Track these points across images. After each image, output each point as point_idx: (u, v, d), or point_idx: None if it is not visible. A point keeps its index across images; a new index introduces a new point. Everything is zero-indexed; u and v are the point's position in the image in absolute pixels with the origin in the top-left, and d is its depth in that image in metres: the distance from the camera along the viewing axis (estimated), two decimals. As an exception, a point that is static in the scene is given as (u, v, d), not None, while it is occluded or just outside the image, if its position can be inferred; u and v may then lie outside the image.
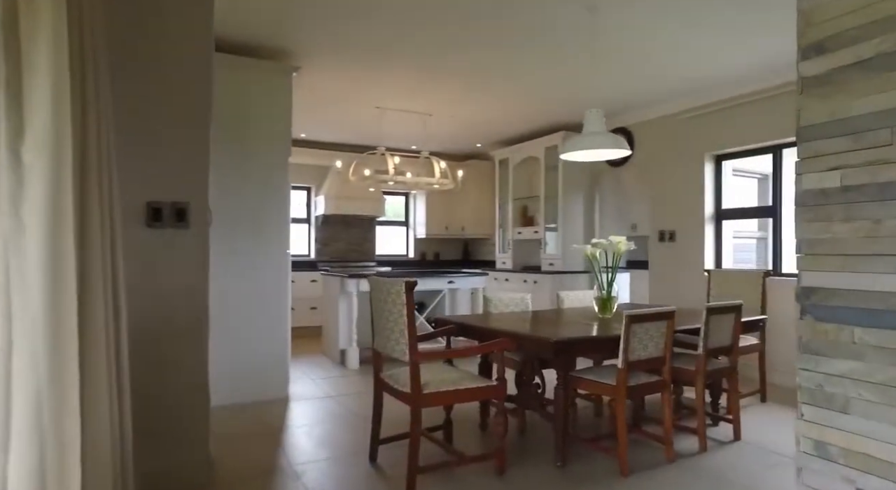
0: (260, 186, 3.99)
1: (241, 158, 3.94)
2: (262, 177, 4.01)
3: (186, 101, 2.27)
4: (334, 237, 7.86)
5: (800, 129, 1.57)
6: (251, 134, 3.98)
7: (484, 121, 6.32)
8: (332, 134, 7.03)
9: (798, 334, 1.59)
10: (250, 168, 3.97)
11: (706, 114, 5.22)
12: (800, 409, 1.58)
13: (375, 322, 2.78)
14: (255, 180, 3.98)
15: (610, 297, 3.39)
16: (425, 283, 5.48)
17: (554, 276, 6.29)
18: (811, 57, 1.52)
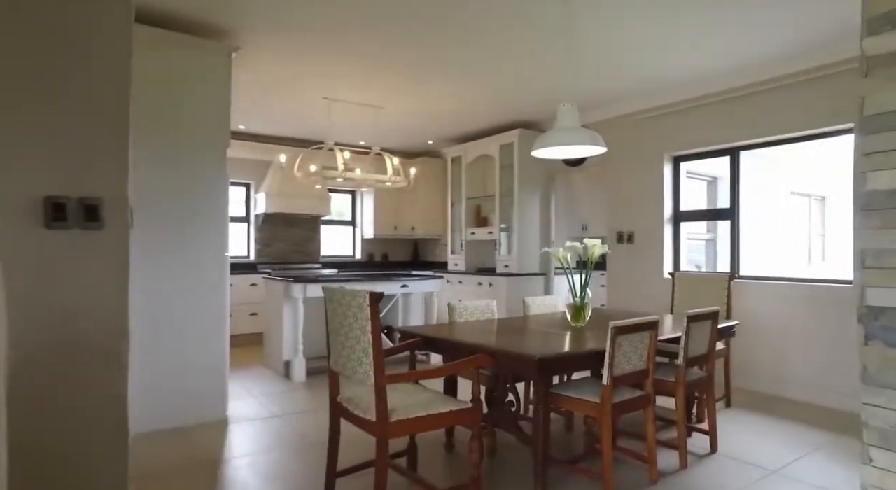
0: (194, 181, 3.52)
1: (172, 149, 3.45)
2: (197, 170, 3.53)
3: (99, 75, 1.83)
4: (276, 237, 7.34)
5: (864, 118, 1.37)
6: (184, 121, 3.50)
7: (438, 116, 6.03)
8: (275, 126, 6.52)
9: (861, 363, 1.39)
10: (183, 160, 3.48)
11: (665, 114, 5.15)
12: (866, 453, 1.38)
13: (332, 338, 2.42)
14: (188, 174, 3.50)
15: (584, 305, 3.18)
16: (376, 287, 5.11)
17: (510, 278, 6.09)
18: (881, 31, 1.31)
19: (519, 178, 6.23)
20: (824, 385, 4.02)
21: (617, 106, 5.52)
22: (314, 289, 4.75)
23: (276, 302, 5.04)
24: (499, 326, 3.26)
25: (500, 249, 6.45)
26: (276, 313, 5.02)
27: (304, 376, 4.73)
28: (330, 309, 2.40)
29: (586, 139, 3.07)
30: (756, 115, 4.51)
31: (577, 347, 2.51)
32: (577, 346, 2.55)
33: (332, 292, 2.37)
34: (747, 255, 4.82)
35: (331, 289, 2.39)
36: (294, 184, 6.67)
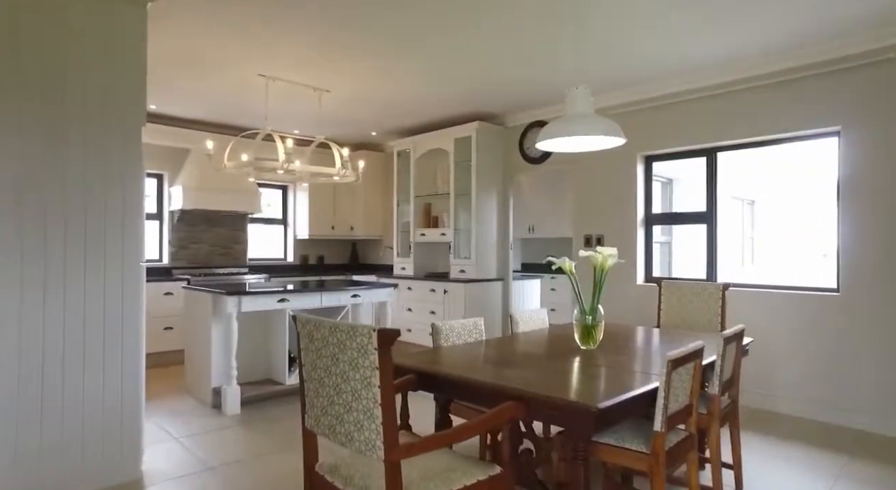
0: (98, 168, 2.67)
1: (64, 125, 2.59)
2: (102, 155, 2.69)
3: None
4: (195, 238, 6.35)
5: None
6: (85, 89, 2.64)
7: (388, 104, 5.39)
8: (195, 107, 5.57)
9: None
10: (83, 141, 2.63)
11: (639, 111, 4.85)
12: None
13: (310, 387, 1.77)
14: (90, 159, 2.65)
15: (595, 325, 2.71)
16: (326, 298, 4.42)
17: (467, 285, 5.57)
18: None
19: (477, 176, 5.72)
20: (817, 399, 3.85)
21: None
22: (251, 303, 3.97)
23: (201, 317, 4.20)
24: (497, 352, 2.71)
25: (455, 253, 5.91)
26: (202, 331, 4.18)
27: (239, 407, 3.94)
28: (309, 347, 1.74)
29: (605, 129, 2.60)
30: (736, 116, 4.29)
31: (628, 386, 2.01)
32: (627, 385, 2.06)
33: (313, 325, 1.71)
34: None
35: (308, 321, 1.73)
36: (217, 176, 5.77)
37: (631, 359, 2.52)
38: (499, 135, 5.94)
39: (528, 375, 2.19)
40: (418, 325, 5.99)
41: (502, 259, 6.00)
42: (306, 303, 4.28)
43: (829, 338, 3.82)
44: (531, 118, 5.68)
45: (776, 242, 6.90)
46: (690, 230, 4.95)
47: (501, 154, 5.97)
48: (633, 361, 2.49)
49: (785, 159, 4.40)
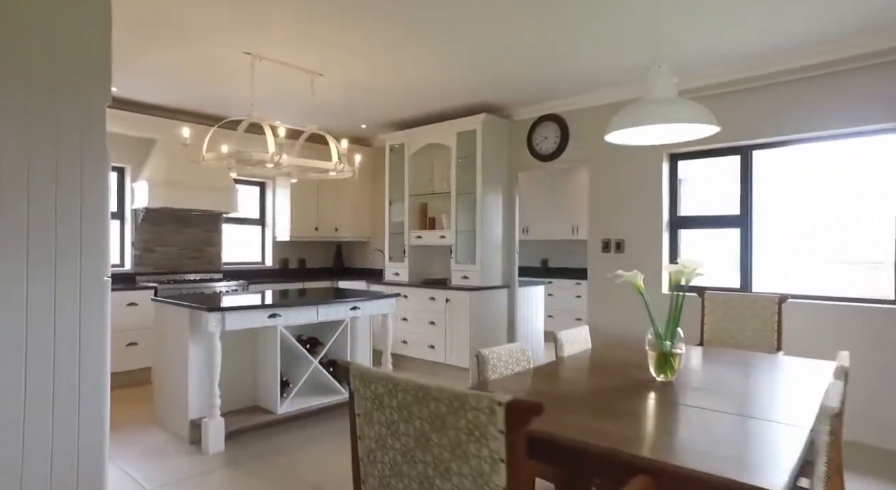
0: (50, 156, 2.05)
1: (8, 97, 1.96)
2: (48, 134, 2.06)
3: None
4: (162, 239, 5.64)
5: None
6: (33, 53, 2.02)
7: (385, 92, 4.83)
8: (165, 90, 4.88)
9: None
10: (17, 112, 2.00)
11: (665, 104, 4.43)
12: None
13: (373, 479, 1.23)
14: (30, 140, 2.02)
15: (673, 354, 2.25)
16: (323, 312, 3.84)
17: (473, 293, 5.07)
18: None
19: (483, 173, 5.22)
20: (875, 422, 3.50)
21: (604, 92, 4.71)
22: (237, 319, 3.37)
23: (175, 335, 3.56)
24: (564, 390, 2.22)
25: (457, 257, 5.40)
26: (176, 352, 3.54)
27: (223, 443, 3.33)
28: (375, 416, 1.21)
29: (699, 115, 2.12)
30: (777, 111, 3.92)
31: (776, 446, 1.54)
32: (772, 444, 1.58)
33: (383, 384, 1.17)
34: (765, 269, 4.25)
35: (377, 376, 1.20)
36: (188, 171, 5.12)
37: (731, 397, 2.07)
38: (505, 129, 5.46)
39: (627, 430, 1.70)
40: (415, 336, 5.45)
41: (507, 264, 5.52)
42: (301, 318, 3.70)
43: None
44: (541, 112, 5.22)
45: (821, 249, 6.62)
46: (706, 234, 4.59)
47: (507, 150, 5.49)
48: (743, 402, 2.03)
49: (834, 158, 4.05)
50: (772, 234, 4.25)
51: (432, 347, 5.31)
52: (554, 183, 7.54)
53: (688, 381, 2.26)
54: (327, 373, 3.93)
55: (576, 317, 7.10)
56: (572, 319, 7.11)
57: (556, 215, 7.54)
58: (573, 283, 7.17)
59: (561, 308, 7.15)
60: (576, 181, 7.39)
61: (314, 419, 3.87)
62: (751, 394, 2.17)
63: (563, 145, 5.08)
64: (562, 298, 7.17)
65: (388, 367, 4.38)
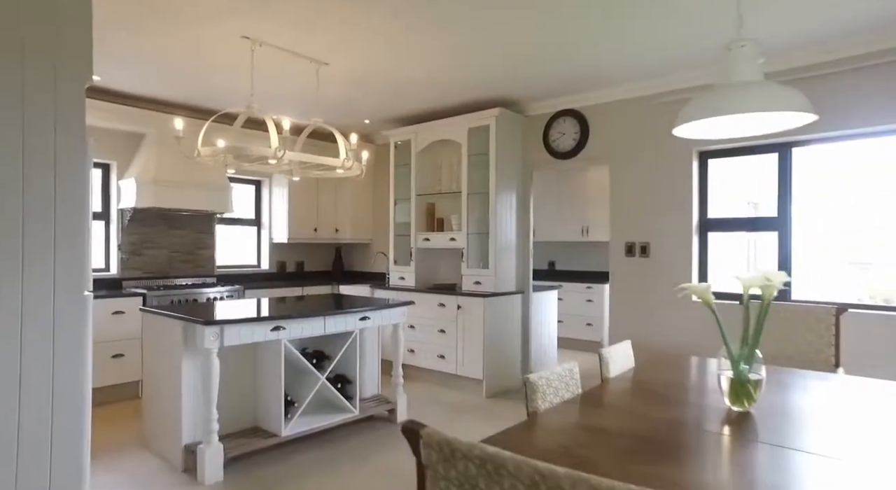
0: (17, 147, 1.70)
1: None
2: (12, 118, 1.71)
3: None
4: (151, 242, 5.26)
5: None
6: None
7: (395, 83, 4.49)
8: (154, 79, 4.50)
9: None
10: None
11: (691, 99, 4.13)
12: None
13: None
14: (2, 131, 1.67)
15: (752, 381, 1.94)
16: (330, 324, 3.50)
17: (487, 299, 4.74)
18: None
19: (497, 171, 4.90)
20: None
21: (629, 86, 4.41)
22: (237, 333, 3.02)
23: (167, 350, 3.21)
24: (631, 427, 1.89)
25: (468, 261, 5.07)
26: (169, 369, 3.18)
27: (222, 472, 2.98)
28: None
29: (796, 102, 1.81)
30: (821, 104, 3.63)
31: None
32: None
33: (468, 458, 0.84)
34: (804, 276, 3.97)
35: (460, 447, 0.86)
36: (179, 168, 4.76)
37: (826, 432, 1.76)
38: (519, 125, 5.14)
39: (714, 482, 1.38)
40: (424, 345, 5.12)
41: (521, 268, 5.21)
42: (307, 330, 3.35)
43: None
44: (559, 106, 4.91)
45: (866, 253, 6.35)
46: (729, 238, 4.32)
47: (521, 147, 5.17)
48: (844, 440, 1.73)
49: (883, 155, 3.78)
50: (812, 237, 3.97)
51: (442, 357, 4.98)
52: (562, 182, 7.24)
53: (768, 411, 1.95)
54: (335, 389, 3.59)
55: (586, 322, 6.81)
56: (583, 325, 6.82)
57: (564, 216, 7.24)
58: (583, 287, 6.87)
59: (571, 313, 6.85)
60: (586, 180, 7.09)
61: (321, 440, 3.53)
62: (849, 429, 1.86)
63: (583, 142, 4.77)
64: (571, 303, 6.87)
65: (399, 380, 4.05)
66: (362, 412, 3.75)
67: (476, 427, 3.88)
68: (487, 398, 4.67)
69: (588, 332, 6.79)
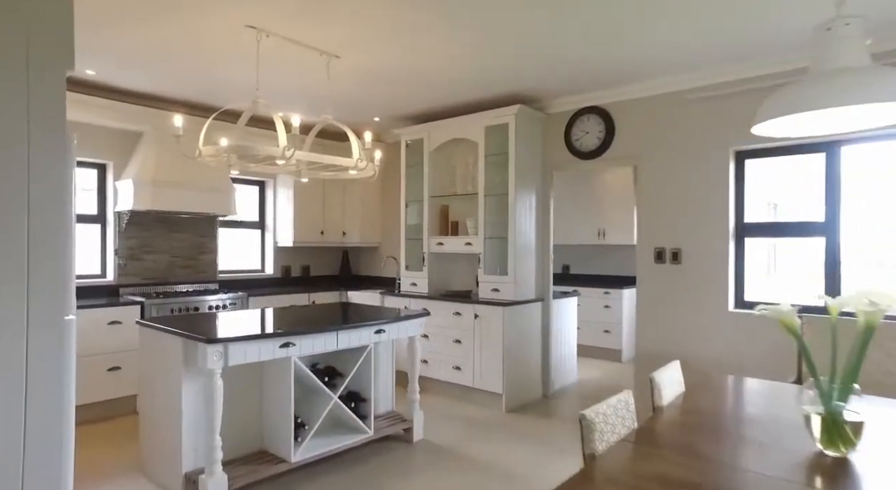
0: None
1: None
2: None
3: None
4: (149, 246, 4.98)
5: None
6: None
7: (409, 78, 4.20)
8: (152, 74, 4.22)
9: None
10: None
11: (732, 95, 3.85)
12: None
13: None
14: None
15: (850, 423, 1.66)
16: (344, 338, 3.22)
17: (507, 308, 4.46)
18: None
19: (516, 172, 4.61)
20: None
21: (662, 79, 4.12)
22: (242, 351, 2.74)
23: (166, 369, 2.93)
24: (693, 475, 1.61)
25: (486, 267, 4.79)
26: (167, 389, 2.91)
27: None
28: None
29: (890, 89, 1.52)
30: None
31: None
32: None
33: None
34: (854, 285, 3.68)
35: None
36: (180, 168, 4.50)
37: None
38: (539, 123, 4.86)
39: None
40: (438, 356, 4.84)
41: (541, 275, 4.92)
42: (318, 346, 3.08)
43: None
44: (582, 103, 4.62)
45: None
46: (760, 244, 4.04)
47: (541, 146, 4.89)
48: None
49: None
50: (860, 243, 3.68)
51: (458, 369, 4.70)
52: (578, 182, 6.96)
53: (871, 457, 1.66)
54: (348, 408, 3.31)
55: (604, 329, 6.53)
56: (600, 332, 6.54)
57: (579, 218, 6.96)
58: (600, 293, 6.59)
59: (587, 319, 6.56)
60: (603, 181, 6.81)
61: (333, 465, 3.25)
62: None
63: (608, 141, 4.48)
64: (588, 309, 6.58)
65: (416, 396, 3.77)
66: (377, 433, 3.47)
67: (500, 448, 3.60)
68: (507, 413, 4.39)
69: (606, 339, 6.50)
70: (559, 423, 4.17)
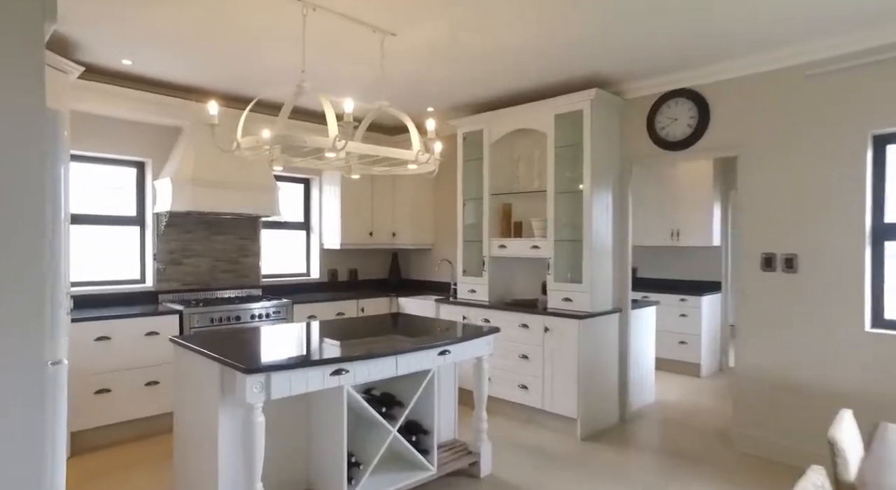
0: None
1: None
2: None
3: None
4: (189, 249, 4.65)
5: None
6: None
7: (471, 60, 3.69)
8: (191, 63, 3.85)
9: None
10: None
11: (869, 65, 3.17)
12: None
13: None
14: None
15: None
16: (403, 363, 2.73)
17: (583, 321, 3.89)
18: None
19: (592, 166, 4.04)
20: None
21: (770, 54, 3.47)
22: (287, 382, 2.29)
23: (201, 395, 2.52)
24: None
25: (555, 273, 4.23)
26: (203, 420, 2.50)
27: (268, 565, 2.26)
28: None
29: None
30: None
31: None
32: None
33: None
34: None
35: None
36: (221, 166, 4.15)
37: None
38: (616, 110, 4.26)
39: None
40: (502, 373, 4.32)
41: (619, 282, 4.33)
42: (374, 372, 2.60)
43: None
44: (668, 85, 4.01)
45: None
46: None
47: (619, 136, 4.29)
48: None
49: None
50: None
51: (524, 388, 4.17)
52: (648, 178, 6.29)
53: None
54: (409, 443, 2.83)
55: (679, 340, 5.86)
56: (675, 343, 5.87)
57: (650, 217, 6.29)
58: (675, 299, 5.91)
59: (659, 329, 5.89)
60: (677, 174, 6.12)
61: (390, 509, 2.78)
62: None
63: (701, 129, 3.85)
64: (660, 317, 5.92)
65: (483, 425, 3.26)
66: (441, 469, 2.98)
67: (580, 487, 3.05)
68: (583, 441, 3.83)
69: (682, 351, 5.83)
70: (641, 455, 3.59)
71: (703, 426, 4.15)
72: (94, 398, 3.62)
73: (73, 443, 3.54)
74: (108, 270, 4.32)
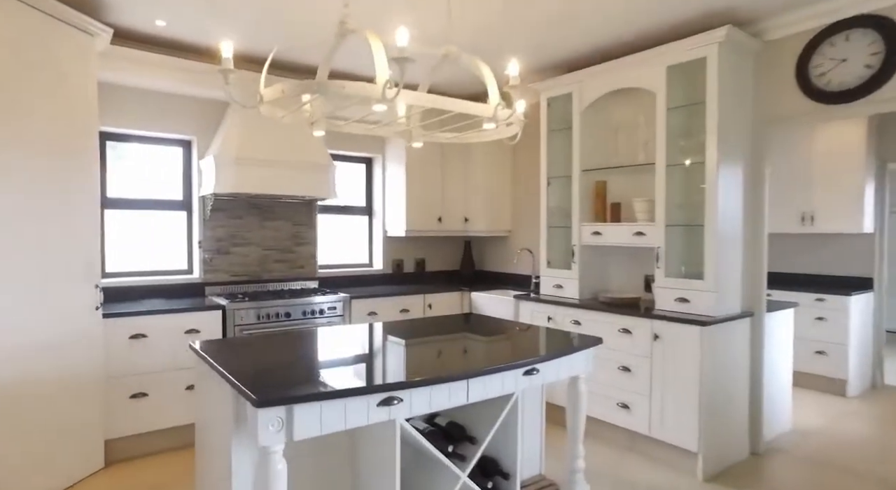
0: None
1: None
2: None
3: None
4: (239, 237, 4.19)
5: None
6: None
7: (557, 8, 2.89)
8: (235, 25, 3.31)
9: None
10: None
11: None
12: None
13: None
14: None
15: None
16: (476, 389, 2.03)
17: (705, 329, 3.01)
18: None
19: (720, 130, 3.13)
20: None
21: None
22: (315, 418, 1.66)
23: (216, 421, 1.96)
24: None
25: (666, 267, 3.37)
26: (218, 451, 1.93)
27: None
28: None
29: None
30: None
31: None
32: None
33: None
34: None
35: None
36: (270, 142, 3.62)
37: None
38: (750, 56, 3.31)
39: None
40: (597, 387, 3.52)
41: (750, 279, 3.40)
42: (437, 401, 1.92)
43: None
44: (830, 16, 3.01)
45: None
46: None
47: (752, 92, 3.34)
48: None
49: None
50: None
51: (625, 408, 3.36)
52: (771, 149, 5.15)
53: None
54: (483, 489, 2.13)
55: (815, 349, 4.76)
56: (810, 353, 4.78)
57: (775, 198, 5.16)
58: (809, 299, 4.81)
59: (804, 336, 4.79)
60: (809, 145, 4.97)
61: (459, 579, 2.10)
62: None
63: (889, 70, 2.83)
64: (809, 324, 4.81)
65: (580, 464, 2.51)
66: (525, 525, 2.27)
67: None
68: (706, 483, 2.98)
69: (819, 364, 4.73)
70: (799, 512, 2.69)
71: (865, 469, 3.16)
72: (129, 403, 3.21)
73: (107, 452, 3.16)
74: (157, 260, 3.95)
